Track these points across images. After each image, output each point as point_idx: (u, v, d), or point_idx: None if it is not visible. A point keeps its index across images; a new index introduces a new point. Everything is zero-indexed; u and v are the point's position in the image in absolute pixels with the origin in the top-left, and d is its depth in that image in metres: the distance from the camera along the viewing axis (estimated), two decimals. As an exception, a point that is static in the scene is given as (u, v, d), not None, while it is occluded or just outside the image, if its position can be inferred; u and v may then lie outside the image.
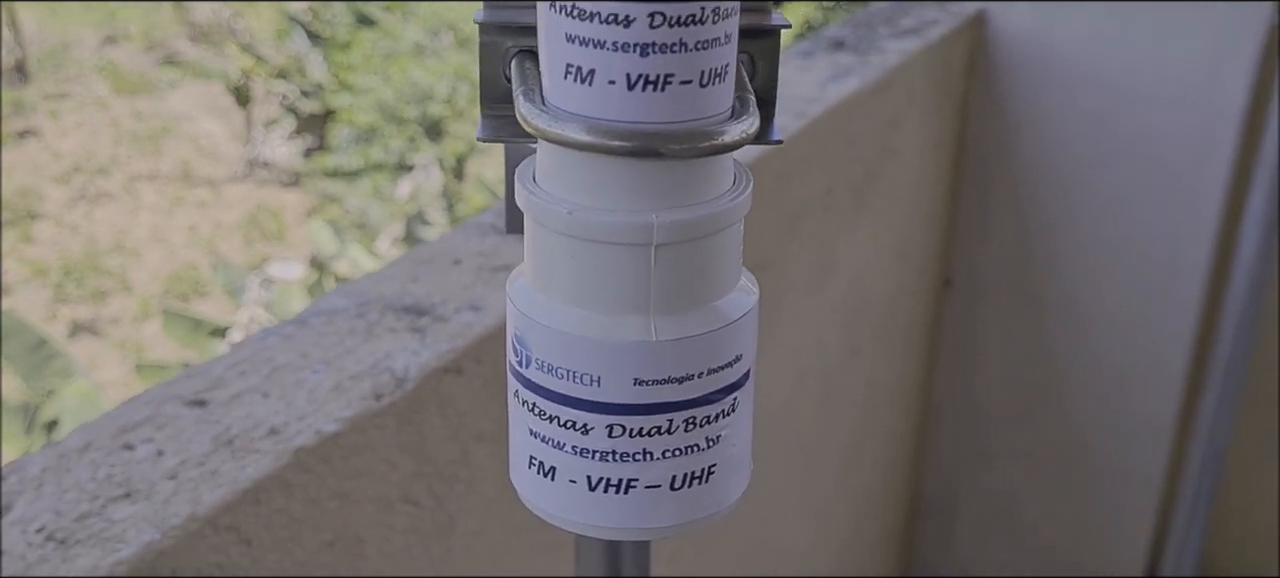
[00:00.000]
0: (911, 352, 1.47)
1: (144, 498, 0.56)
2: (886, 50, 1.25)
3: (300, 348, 0.69)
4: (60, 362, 5.21)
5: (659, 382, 0.31)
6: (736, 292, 0.33)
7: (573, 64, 0.29)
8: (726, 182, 0.32)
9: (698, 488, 0.32)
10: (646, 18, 0.28)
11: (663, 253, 0.30)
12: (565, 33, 0.29)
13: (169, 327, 6.03)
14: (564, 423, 0.32)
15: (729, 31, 0.30)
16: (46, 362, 5.19)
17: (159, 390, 0.65)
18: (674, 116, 0.29)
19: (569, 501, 0.32)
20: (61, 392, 4.93)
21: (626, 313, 0.31)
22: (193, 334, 5.78)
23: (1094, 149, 1.36)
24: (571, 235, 0.30)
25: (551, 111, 0.30)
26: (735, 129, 0.30)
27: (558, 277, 0.31)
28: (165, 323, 6.10)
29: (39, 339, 5.26)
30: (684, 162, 0.30)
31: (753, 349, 0.34)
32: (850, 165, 1.17)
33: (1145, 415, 1.41)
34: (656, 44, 0.29)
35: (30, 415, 4.95)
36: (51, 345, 5.26)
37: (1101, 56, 1.34)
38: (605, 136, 0.29)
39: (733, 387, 0.32)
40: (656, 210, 0.30)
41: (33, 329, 5.33)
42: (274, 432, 0.62)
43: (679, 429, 0.32)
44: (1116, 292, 1.39)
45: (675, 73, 0.29)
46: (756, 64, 0.35)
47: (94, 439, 0.60)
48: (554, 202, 0.31)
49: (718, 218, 0.31)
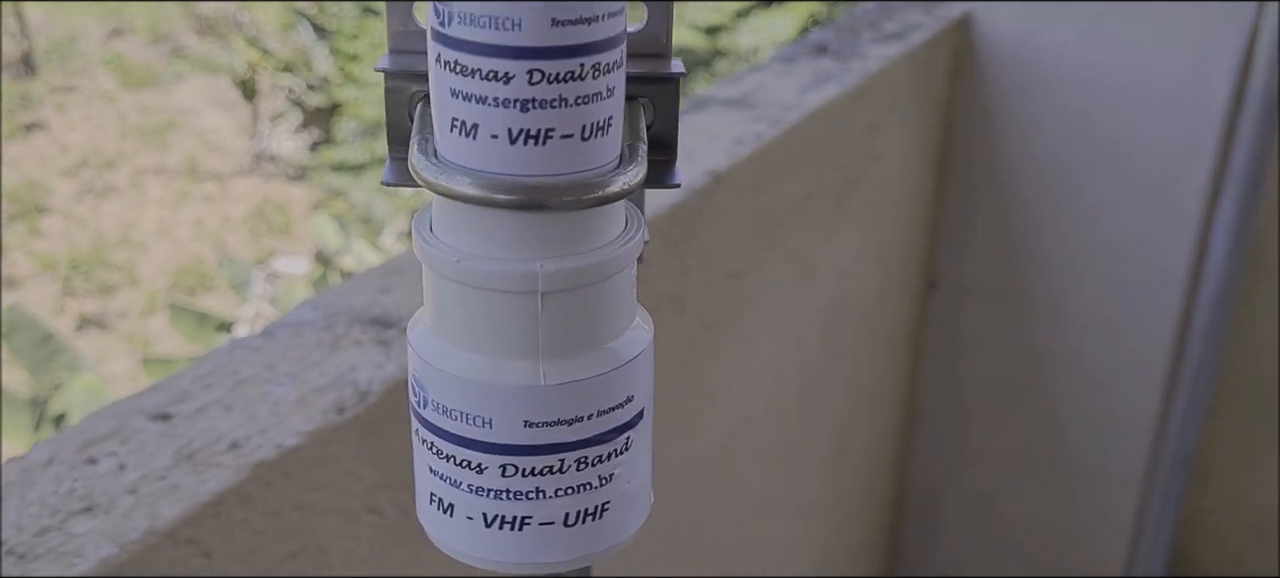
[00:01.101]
0: (895, 354, 1.48)
1: (104, 512, 0.58)
2: (868, 55, 1.25)
3: (266, 361, 0.70)
4: (67, 356, 5.23)
5: (549, 423, 0.32)
6: (629, 334, 0.33)
7: (458, 118, 0.30)
8: (615, 228, 0.33)
9: (592, 524, 0.33)
10: (525, 75, 0.29)
11: (549, 300, 0.31)
12: (449, 88, 0.30)
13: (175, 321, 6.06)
14: (460, 462, 0.33)
15: (612, 85, 0.31)
16: (53, 356, 5.21)
17: (125, 404, 0.66)
18: (557, 168, 0.30)
19: (467, 536, 0.34)
20: (69, 386, 4.96)
21: (515, 357, 0.32)
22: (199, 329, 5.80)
23: (1078, 151, 1.37)
24: (460, 282, 0.32)
25: (440, 163, 0.31)
26: (619, 180, 0.31)
27: (450, 322, 0.33)
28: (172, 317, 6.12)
29: (46, 333, 5.29)
30: (567, 212, 0.31)
31: (647, 389, 0.34)
32: (830, 172, 1.18)
33: (1126, 416, 1.41)
34: (536, 100, 0.30)
35: (38, 410, 4.97)
36: (58, 340, 5.29)
37: (1087, 59, 1.34)
38: (488, 189, 0.30)
39: (624, 427, 0.33)
40: (542, 259, 0.31)
41: (39, 323, 5.35)
42: (235, 445, 0.63)
43: (571, 469, 0.33)
44: (1099, 293, 1.40)
45: (556, 127, 0.30)
46: (656, 110, 0.36)
47: (58, 453, 0.61)
48: (444, 250, 0.32)
49: (605, 265, 0.32)
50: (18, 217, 8.76)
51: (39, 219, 8.80)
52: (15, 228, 8.66)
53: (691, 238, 0.96)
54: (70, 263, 8.23)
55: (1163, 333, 1.37)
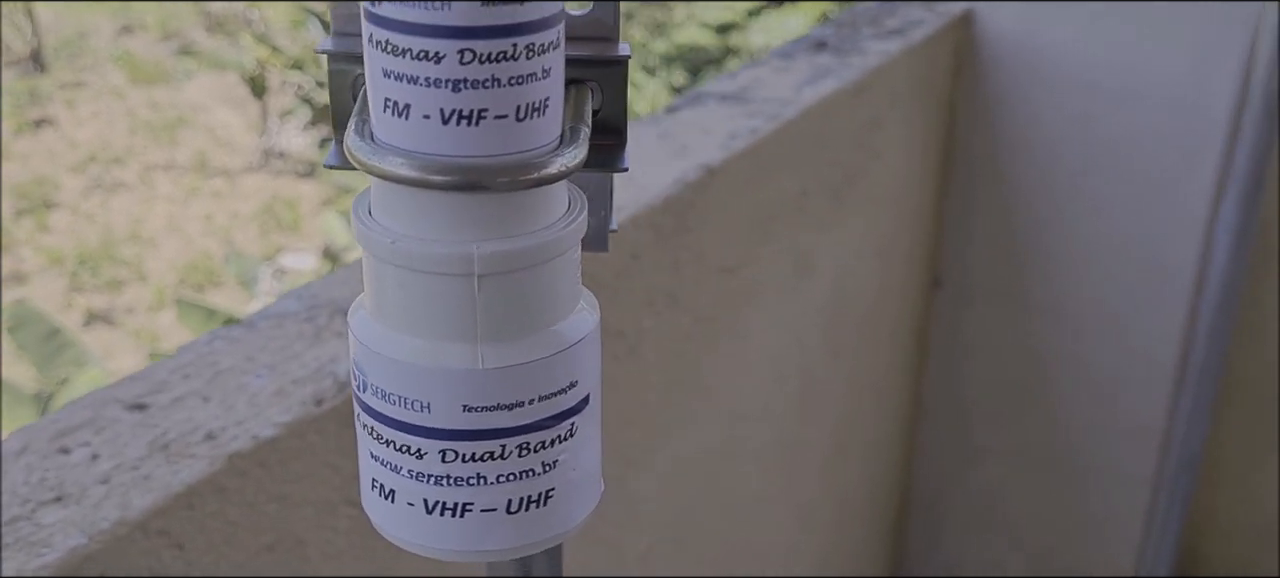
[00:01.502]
0: (898, 352, 1.47)
1: (74, 502, 0.57)
2: (868, 51, 1.24)
3: (246, 351, 0.70)
4: (74, 351, 5.24)
5: (488, 408, 0.31)
6: (572, 317, 0.33)
7: (390, 98, 0.30)
8: (556, 211, 0.32)
9: (535, 511, 0.33)
10: (456, 54, 0.29)
11: (486, 283, 0.30)
12: (382, 68, 0.29)
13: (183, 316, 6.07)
14: (399, 448, 0.32)
15: (547, 66, 0.30)
16: (60, 351, 5.22)
17: (102, 394, 0.65)
18: (491, 150, 0.30)
19: (409, 523, 0.33)
20: (75, 381, 4.96)
21: (453, 341, 0.31)
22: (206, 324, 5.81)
23: (1082, 150, 1.36)
24: (397, 265, 0.31)
25: (374, 145, 0.30)
26: (556, 161, 0.30)
27: (388, 305, 0.32)
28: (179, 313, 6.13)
29: (52, 328, 5.30)
30: (505, 193, 0.30)
31: (593, 373, 0.34)
32: (827, 168, 1.17)
33: (1131, 416, 1.40)
34: (468, 80, 0.29)
35: (43, 404, 4.98)
36: (65, 334, 5.29)
37: (1090, 58, 1.33)
38: (422, 170, 0.29)
39: (568, 412, 0.33)
40: (478, 241, 0.30)
41: (46, 318, 5.37)
42: (211, 436, 0.62)
43: (512, 455, 0.32)
44: (1104, 293, 1.39)
45: (489, 107, 0.29)
46: (603, 93, 0.35)
47: (31, 443, 0.61)
48: (379, 231, 0.31)
49: (545, 248, 0.31)
50: (26, 212, 8.79)
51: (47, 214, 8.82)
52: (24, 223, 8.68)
53: (685, 232, 0.95)
54: (78, 258, 8.25)
55: (1168, 333, 1.35)
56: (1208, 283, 1.27)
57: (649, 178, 0.93)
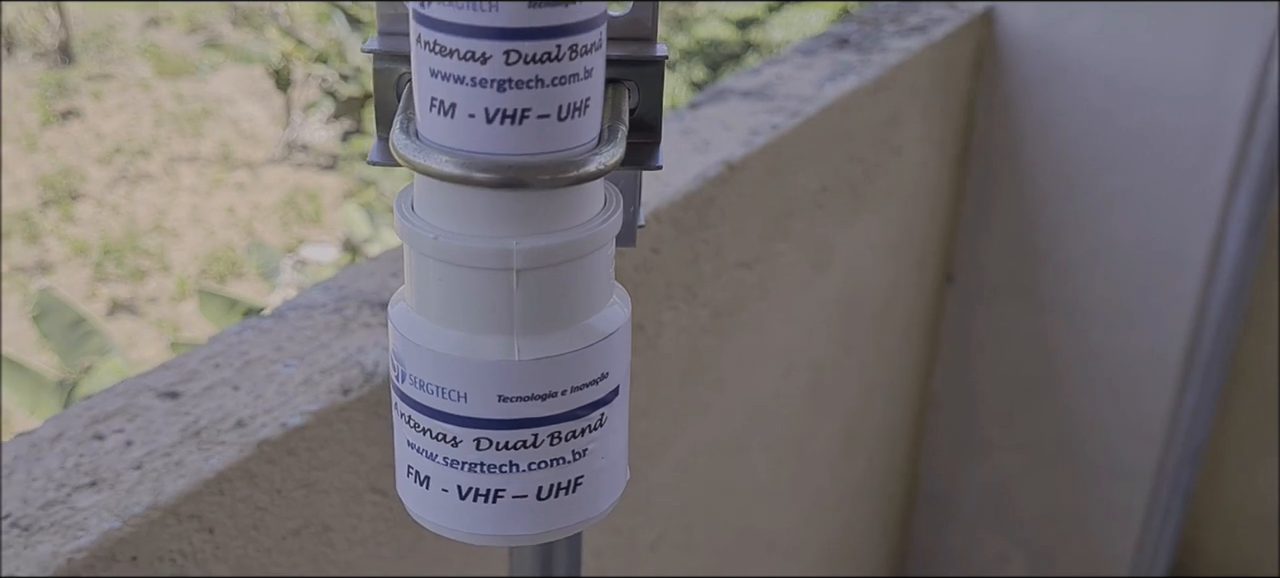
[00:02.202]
0: (910, 347, 1.48)
1: (108, 487, 0.58)
2: (889, 48, 1.25)
3: (275, 342, 0.71)
4: (97, 340, 5.29)
5: (522, 398, 0.32)
6: (605, 311, 0.34)
7: (437, 97, 0.31)
8: (593, 207, 0.33)
9: (564, 498, 0.34)
10: (502, 55, 0.30)
11: (524, 277, 0.31)
12: (429, 68, 0.30)
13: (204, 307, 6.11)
14: (436, 435, 0.33)
15: (589, 67, 0.31)
16: (84, 339, 5.27)
17: (135, 382, 0.67)
18: (533, 148, 0.31)
19: (443, 508, 0.34)
20: (98, 369, 5.01)
21: (490, 333, 0.32)
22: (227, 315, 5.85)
23: (1099, 147, 1.36)
24: (438, 259, 0.32)
25: (419, 143, 0.31)
26: (595, 160, 0.31)
27: (428, 298, 0.33)
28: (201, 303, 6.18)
29: (77, 317, 5.35)
30: (544, 191, 0.31)
31: (622, 366, 0.35)
32: (847, 163, 1.18)
33: (1140, 411, 1.41)
34: (512, 80, 0.30)
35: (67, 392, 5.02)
36: (89, 323, 5.34)
37: (1108, 54, 1.33)
38: (465, 168, 0.30)
39: (599, 403, 0.34)
40: (517, 237, 0.31)
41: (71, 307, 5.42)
42: (240, 424, 0.63)
43: (544, 443, 0.33)
44: (1115, 288, 1.39)
45: (532, 107, 0.30)
46: (640, 92, 0.36)
47: (66, 429, 0.62)
48: (422, 227, 0.32)
49: (580, 244, 0.32)
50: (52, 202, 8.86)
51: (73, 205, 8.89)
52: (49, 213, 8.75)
53: (704, 227, 0.97)
54: (103, 248, 8.32)
55: (1179, 328, 1.36)
56: (1217, 278, 1.27)
57: (671, 173, 0.95)
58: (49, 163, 9.26)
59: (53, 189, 8.95)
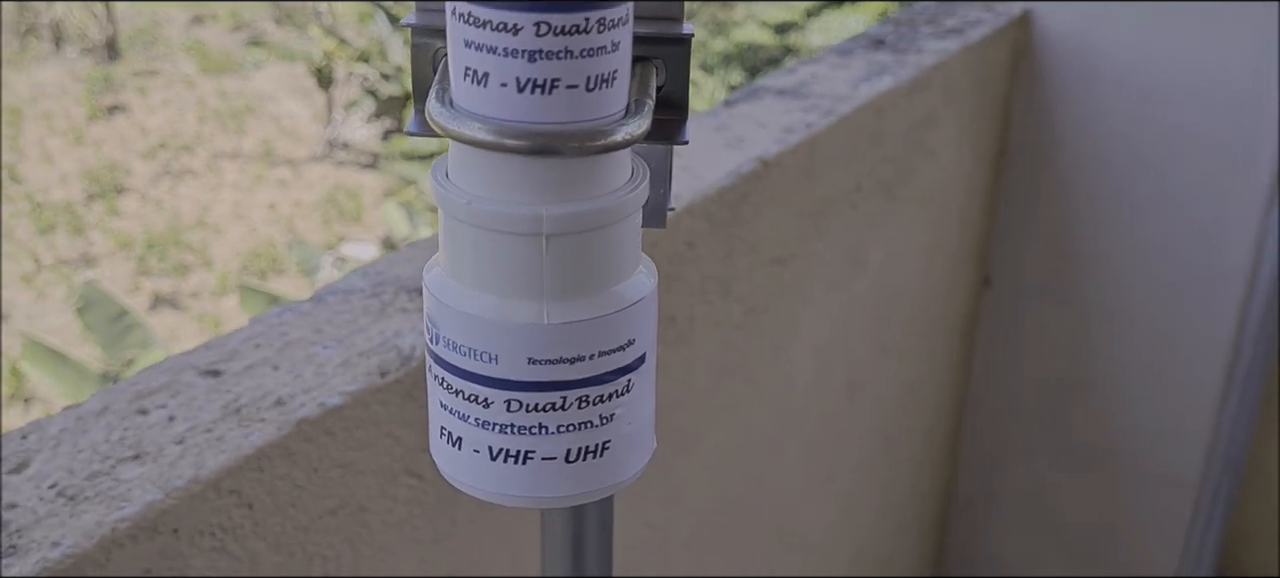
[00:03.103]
0: (947, 349, 1.48)
1: (152, 460, 0.60)
2: (925, 50, 1.25)
3: (314, 324, 0.73)
4: (139, 333, 5.36)
5: (551, 361, 0.33)
6: (632, 279, 0.35)
7: (470, 67, 0.32)
8: (620, 178, 0.34)
9: (592, 462, 0.35)
10: (533, 27, 0.31)
11: (554, 243, 0.33)
12: (463, 38, 0.32)
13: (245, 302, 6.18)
14: (468, 397, 0.34)
15: (617, 40, 0.32)
16: (127, 332, 5.34)
17: (178, 360, 0.69)
18: (562, 117, 0.32)
19: (474, 469, 0.35)
20: (139, 362, 5.08)
21: (521, 297, 0.33)
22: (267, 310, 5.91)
23: (1137, 151, 1.36)
24: (471, 224, 0.33)
25: (454, 111, 0.32)
26: (622, 130, 0.32)
27: (461, 262, 0.34)
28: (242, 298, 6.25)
29: (120, 310, 5.42)
30: (573, 158, 0.32)
31: (649, 335, 0.36)
32: (881, 163, 1.18)
33: (1180, 418, 1.40)
34: (543, 51, 0.31)
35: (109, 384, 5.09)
36: (132, 316, 5.41)
37: (1147, 58, 1.33)
38: (497, 135, 0.31)
39: (626, 369, 0.35)
40: (547, 203, 0.32)
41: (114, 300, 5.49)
42: (280, 402, 0.65)
43: (572, 406, 0.34)
44: (1155, 293, 1.39)
45: (562, 78, 0.31)
46: (667, 70, 0.37)
47: (112, 403, 0.64)
48: (456, 193, 0.33)
49: (608, 211, 0.33)
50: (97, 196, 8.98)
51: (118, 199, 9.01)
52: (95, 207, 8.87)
53: (738, 223, 0.97)
54: (146, 242, 8.42)
55: (1219, 335, 1.35)
56: (1258, 283, 1.27)
57: (704, 168, 0.96)
58: (95, 157, 9.39)
59: (98, 183, 9.08)
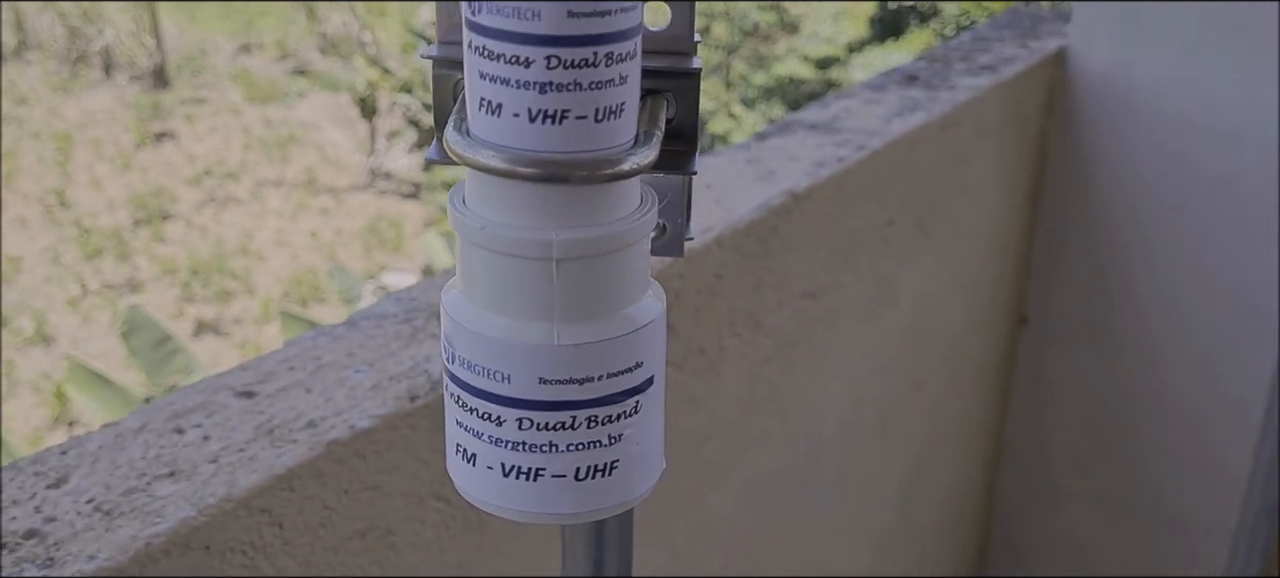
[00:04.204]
0: (981, 388, 1.47)
1: (186, 478, 0.62)
2: (958, 86, 1.26)
3: (347, 348, 0.74)
4: (182, 358, 5.42)
5: (561, 382, 0.35)
6: (641, 303, 0.36)
7: (485, 98, 0.33)
8: (629, 205, 0.35)
9: (601, 480, 0.36)
10: (544, 60, 0.32)
11: (564, 267, 0.34)
12: (479, 71, 0.33)
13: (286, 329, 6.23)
14: (481, 415, 0.36)
15: (625, 73, 0.33)
16: (169, 358, 5.40)
17: (214, 380, 0.70)
18: (573, 146, 0.33)
19: (486, 485, 0.36)
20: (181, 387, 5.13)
21: (533, 319, 0.35)
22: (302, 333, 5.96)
23: (1175, 191, 1.35)
24: (485, 248, 0.35)
25: (470, 139, 0.34)
26: (630, 159, 0.34)
27: (476, 284, 0.36)
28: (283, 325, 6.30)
29: (163, 335, 5.48)
30: (582, 186, 0.33)
31: (658, 357, 0.37)
32: (913, 199, 1.19)
33: (1220, 464, 1.39)
34: (554, 83, 0.32)
35: (150, 407, 5.14)
36: (175, 342, 5.48)
37: (1185, 96, 1.33)
38: (510, 163, 0.33)
39: (634, 390, 0.36)
40: (558, 229, 0.34)
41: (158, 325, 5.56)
42: (312, 424, 0.66)
43: (582, 426, 0.35)
44: (1193, 336, 1.38)
45: (572, 109, 0.33)
46: (677, 102, 0.38)
47: (149, 422, 0.66)
48: (471, 217, 0.35)
49: (617, 237, 0.35)
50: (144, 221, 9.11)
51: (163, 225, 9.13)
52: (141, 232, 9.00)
53: (767, 256, 0.98)
54: (191, 268, 8.53)
55: (1258, 378, 1.34)
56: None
57: (735, 200, 0.97)
58: (142, 183, 9.53)
59: (145, 209, 9.21)
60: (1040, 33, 1.44)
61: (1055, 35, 1.42)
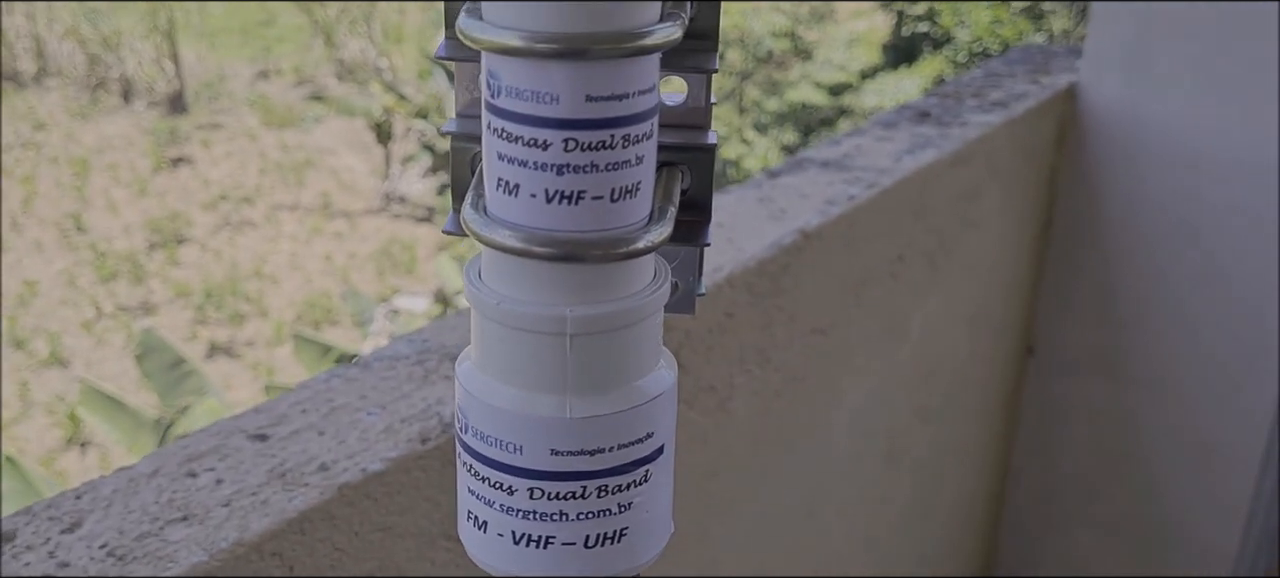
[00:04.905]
0: (989, 417, 1.47)
1: (199, 522, 0.62)
2: (970, 123, 1.27)
3: (360, 390, 0.75)
4: (195, 380, 5.44)
5: (573, 453, 0.35)
6: (652, 374, 0.36)
7: (502, 178, 0.34)
8: (642, 280, 0.36)
9: (611, 547, 0.36)
10: (561, 143, 0.33)
11: (577, 342, 0.34)
12: (496, 151, 0.34)
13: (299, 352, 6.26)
14: (494, 484, 0.36)
15: (641, 154, 0.34)
16: (182, 380, 5.42)
17: (228, 423, 0.71)
18: (588, 226, 0.34)
19: (497, 551, 0.37)
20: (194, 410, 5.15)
21: (545, 392, 0.35)
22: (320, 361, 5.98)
23: (1183, 225, 1.36)
24: (500, 323, 0.35)
25: (487, 218, 0.34)
26: (644, 238, 0.34)
27: (490, 357, 0.36)
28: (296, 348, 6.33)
29: (177, 358, 5.51)
30: (597, 264, 0.34)
31: (668, 426, 0.37)
32: (923, 235, 1.19)
33: (1224, 494, 1.39)
34: (570, 165, 0.33)
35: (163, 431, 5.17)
36: (188, 365, 5.50)
37: (1194, 132, 1.33)
38: (526, 242, 0.33)
39: (644, 460, 0.36)
40: (572, 305, 0.34)
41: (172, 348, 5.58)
42: (324, 467, 0.67)
43: (592, 495, 0.36)
44: (1199, 367, 1.38)
45: (588, 189, 0.33)
46: (692, 174, 0.39)
47: (163, 466, 0.66)
48: (487, 293, 0.35)
49: (629, 313, 0.35)
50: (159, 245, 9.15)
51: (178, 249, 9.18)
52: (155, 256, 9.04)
53: (778, 294, 0.99)
54: (205, 292, 8.56)
55: (1263, 408, 1.34)
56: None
57: (746, 239, 0.97)
58: (158, 207, 9.59)
59: (160, 232, 9.26)
60: (1052, 68, 1.45)
61: (1066, 71, 1.43)
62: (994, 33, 6.95)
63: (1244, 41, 1.27)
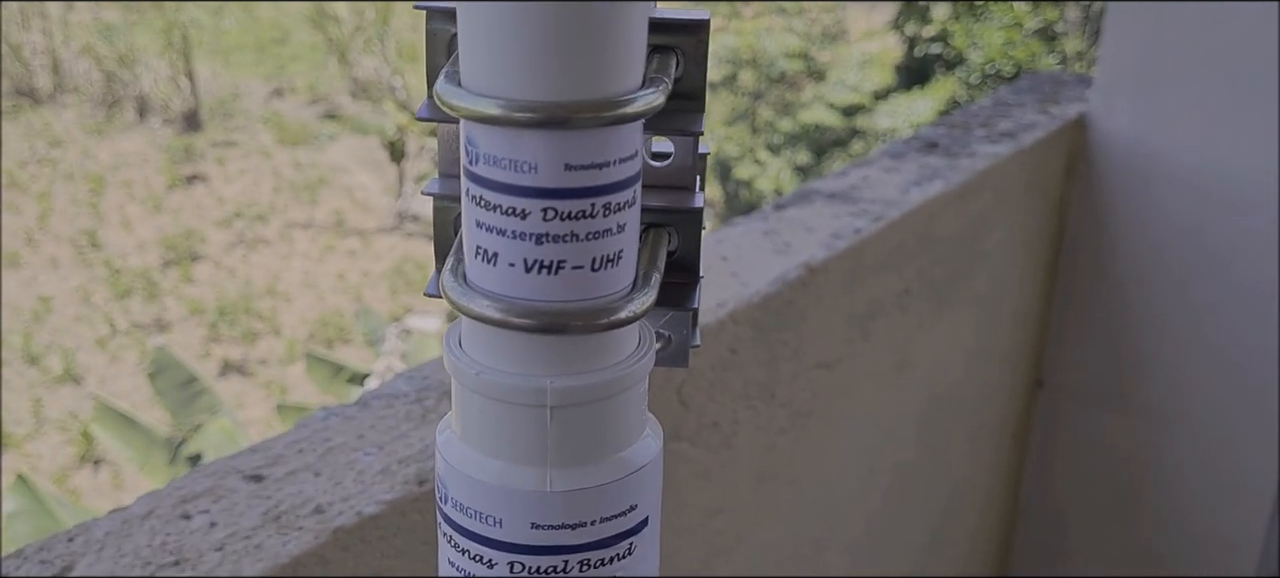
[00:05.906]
0: (997, 450, 1.46)
1: (190, 567, 0.61)
2: (978, 153, 1.26)
3: (357, 430, 0.74)
4: (208, 399, 5.45)
5: (554, 527, 0.34)
6: (636, 445, 0.35)
7: (481, 246, 0.33)
8: (628, 348, 0.35)
9: None
10: (540, 212, 0.32)
11: (557, 413, 0.34)
12: (475, 219, 0.33)
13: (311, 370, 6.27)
14: (473, 556, 0.35)
15: (623, 222, 0.33)
16: (195, 398, 5.43)
17: (223, 463, 0.70)
18: (569, 296, 0.33)
19: None
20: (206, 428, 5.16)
21: (526, 464, 0.34)
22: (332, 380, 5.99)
23: (1193, 257, 1.34)
24: (480, 393, 0.34)
25: (465, 286, 0.34)
26: (627, 307, 0.33)
27: (470, 428, 0.35)
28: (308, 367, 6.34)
29: (190, 376, 5.52)
30: (577, 335, 0.33)
31: (653, 498, 0.36)
32: (931, 267, 1.18)
33: (1233, 529, 1.37)
34: (550, 234, 0.32)
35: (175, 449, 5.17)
36: (201, 383, 5.51)
37: (1205, 161, 1.32)
38: (505, 313, 0.32)
39: (628, 533, 0.35)
40: (552, 377, 0.33)
41: (184, 366, 5.60)
42: (319, 510, 0.66)
43: (574, 569, 0.35)
44: (1210, 400, 1.36)
45: (568, 259, 0.32)
46: (680, 237, 0.38)
47: (156, 507, 0.66)
48: (467, 362, 0.34)
49: (612, 383, 0.34)
50: (173, 263, 9.18)
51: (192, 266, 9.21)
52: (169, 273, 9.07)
53: (783, 328, 0.98)
54: (218, 309, 8.58)
55: (1273, 443, 1.32)
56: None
57: (751, 274, 0.96)
58: (172, 224, 9.63)
59: (174, 250, 9.29)
60: (1061, 98, 1.44)
61: (1076, 101, 1.42)
62: (1006, 55, 6.94)
63: (1256, 70, 1.26)
